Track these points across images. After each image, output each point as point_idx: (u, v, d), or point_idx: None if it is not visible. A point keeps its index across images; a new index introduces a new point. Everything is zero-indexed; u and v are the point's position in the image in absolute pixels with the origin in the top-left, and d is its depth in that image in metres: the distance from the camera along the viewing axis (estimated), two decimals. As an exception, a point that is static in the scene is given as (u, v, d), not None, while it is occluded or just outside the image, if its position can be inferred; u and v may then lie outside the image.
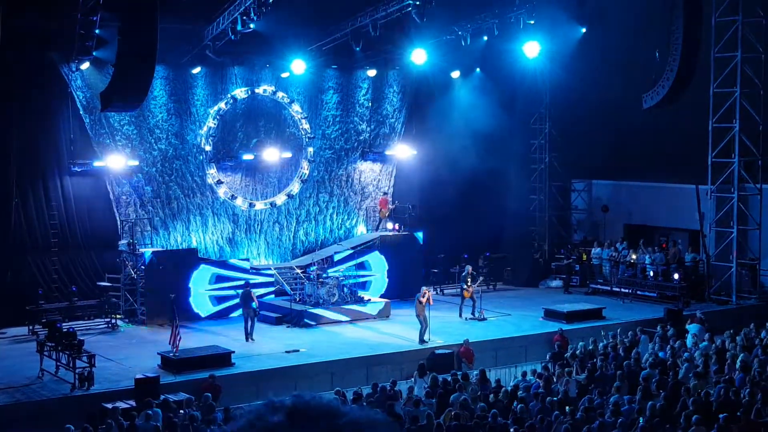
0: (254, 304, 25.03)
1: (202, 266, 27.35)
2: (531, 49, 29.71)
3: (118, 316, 26.52)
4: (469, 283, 27.56)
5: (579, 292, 31.69)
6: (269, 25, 25.67)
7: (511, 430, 15.72)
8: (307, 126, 31.01)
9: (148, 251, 26.75)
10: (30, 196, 26.90)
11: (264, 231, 30.74)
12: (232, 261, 28.51)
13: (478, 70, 33.16)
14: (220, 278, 27.44)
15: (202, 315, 27.02)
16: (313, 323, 26.20)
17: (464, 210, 33.18)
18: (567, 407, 17.32)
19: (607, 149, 34.38)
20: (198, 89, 29.19)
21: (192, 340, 22.86)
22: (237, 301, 26.52)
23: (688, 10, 25.87)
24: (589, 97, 33.50)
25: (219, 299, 27.45)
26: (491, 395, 18.59)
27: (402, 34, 29.19)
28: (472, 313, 27.30)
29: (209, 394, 18.48)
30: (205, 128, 29.27)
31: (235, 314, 26.93)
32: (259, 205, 30.53)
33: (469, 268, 28.51)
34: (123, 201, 28.21)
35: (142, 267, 26.44)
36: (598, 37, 31.42)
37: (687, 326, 24.79)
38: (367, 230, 32.36)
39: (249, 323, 24.72)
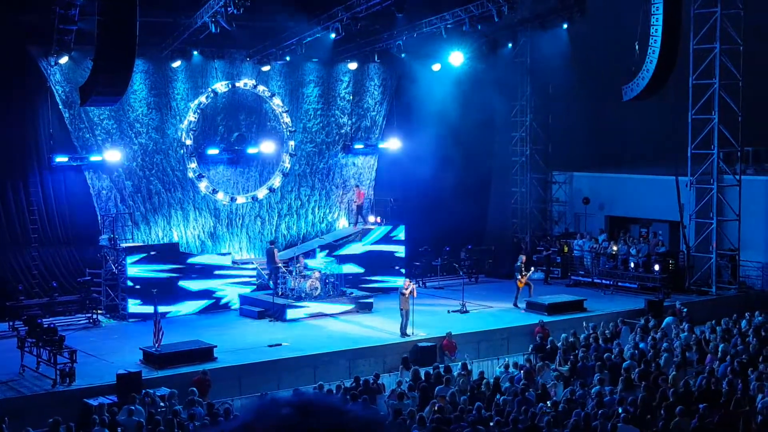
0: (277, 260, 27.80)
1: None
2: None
3: (99, 312, 26.42)
4: (523, 272, 27.79)
5: (560, 283, 31.79)
6: (249, 19, 25.59)
7: (493, 422, 15.78)
8: (288, 119, 30.95)
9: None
10: (9, 191, 26.74)
11: (246, 225, 30.68)
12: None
13: (459, 62, 33.11)
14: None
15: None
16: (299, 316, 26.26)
17: (446, 202, 33.18)
18: (548, 401, 17.39)
19: (588, 141, 34.57)
20: (178, 83, 29.08)
21: (174, 334, 22.78)
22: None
23: (668, 2, 25.98)
24: (569, 89, 33.65)
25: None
26: (474, 387, 18.66)
27: (383, 25, 29.24)
28: (521, 299, 27.68)
29: (195, 389, 18.47)
30: (185, 122, 29.17)
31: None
32: (241, 199, 30.46)
33: (522, 257, 28.82)
34: (103, 196, 28.08)
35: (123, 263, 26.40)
36: (578, 30, 31.50)
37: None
38: (349, 224, 32.36)
39: (271, 277, 27.81)
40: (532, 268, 29.65)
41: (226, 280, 27.86)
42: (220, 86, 29.69)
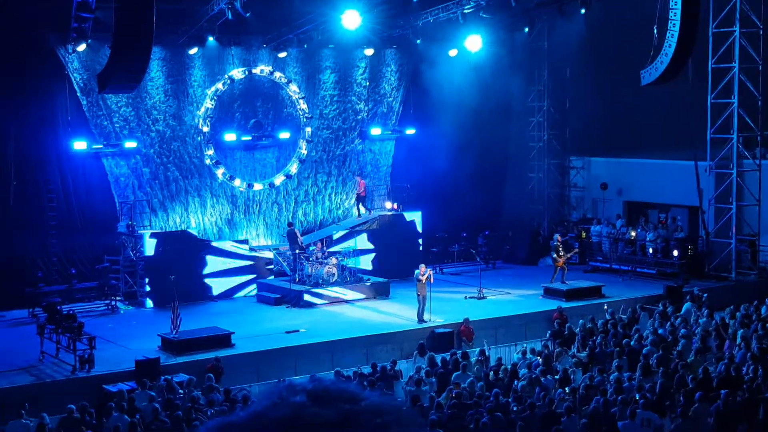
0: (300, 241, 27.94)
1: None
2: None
3: (117, 298, 26.55)
4: (560, 252, 27.78)
5: (578, 269, 31.64)
6: (265, 5, 25.57)
7: (511, 408, 15.77)
8: (304, 106, 30.91)
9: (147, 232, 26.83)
10: (28, 178, 26.85)
11: (263, 212, 30.70)
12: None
13: (476, 47, 32.97)
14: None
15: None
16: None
17: (463, 188, 33.12)
18: (567, 387, 17.36)
19: (606, 126, 34.37)
20: (195, 70, 29.08)
21: (192, 321, 22.86)
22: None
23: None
24: (586, 73, 33.48)
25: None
26: (491, 373, 18.65)
27: (399, 11, 29.15)
28: (556, 280, 27.74)
29: (212, 375, 18.54)
30: (202, 109, 29.17)
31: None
32: (258, 186, 30.47)
33: (557, 236, 28.76)
34: (121, 183, 28.16)
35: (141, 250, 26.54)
36: (596, 13, 31.27)
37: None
38: (366, 210, 32.32)
39: (294, 260, 27.51)
40: (576, 250, 29.74)
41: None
42: (237, 73, 29.67)
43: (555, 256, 28.11)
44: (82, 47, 25.97)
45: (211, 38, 28.18)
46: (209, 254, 27.59)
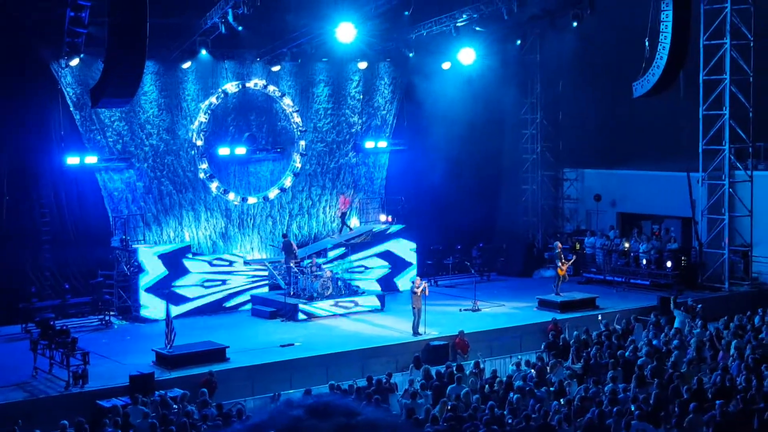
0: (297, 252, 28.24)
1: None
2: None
3: (111, 313, 26.47)
4: (562, 259, 27.75)
5: (572, 281, 31.64)
6: (259, 19, 25.60)
7: (506, 420, 15.76)
8: (298, 119, 30.94)
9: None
10: (21, 193, 26.79)
11: (257, 225, 30.68)
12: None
13: (469, 60, 33.06)
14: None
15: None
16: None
17: (457, 200, 33.17)
18: (562, 399, 17.36)
19: (599, 138, 34.48)
20: (188, 84, 29.09)
21: (187, 335, 22.81)
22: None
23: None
24: (579, 86, 33.60)
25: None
26: (486, 386, 18.65)
27: (393, 24, 29.24)
28: (552, 290, 27.72)
29: (205, 390, 18.49)
30: (196, 123, 29.18)
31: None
32: (252, 200, 30.46)
33: (558, 243, 28.74)
34: (115, 197, 28.13)
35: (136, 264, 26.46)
36: (588, 26, 31.43)
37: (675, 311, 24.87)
38: (360, 223, 32.35)
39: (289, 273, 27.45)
40: (573, 257, 29.75)
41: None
42: (231, 87, 29.69)
43: (559, 264, 28.07)
44: (75, 62, 25.96)
45: (204, 52, 28.20)
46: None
